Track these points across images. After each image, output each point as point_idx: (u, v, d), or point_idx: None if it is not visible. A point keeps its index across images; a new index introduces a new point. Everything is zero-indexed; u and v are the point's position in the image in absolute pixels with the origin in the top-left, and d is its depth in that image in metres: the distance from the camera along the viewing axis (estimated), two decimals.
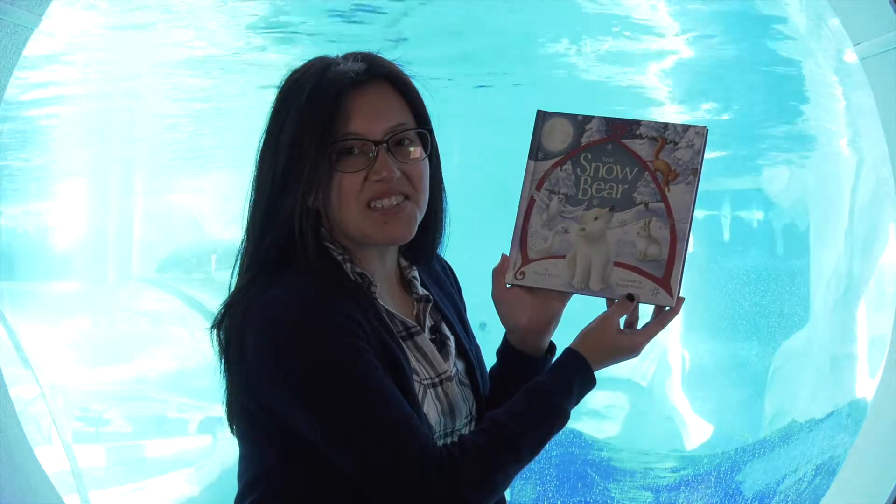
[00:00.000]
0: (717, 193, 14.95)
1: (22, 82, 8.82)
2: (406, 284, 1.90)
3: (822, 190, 11.99)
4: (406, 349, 1.80)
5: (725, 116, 11.62)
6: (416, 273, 1.91)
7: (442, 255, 1.99)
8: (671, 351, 13.71)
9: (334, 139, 1.74)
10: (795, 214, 13.55)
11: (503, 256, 1.87)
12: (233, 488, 1.84)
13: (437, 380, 1.82)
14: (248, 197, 1.80)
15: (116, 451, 11.68)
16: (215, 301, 1.81)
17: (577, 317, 1.95)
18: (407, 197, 1.78)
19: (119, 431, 12.31)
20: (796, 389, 11.52)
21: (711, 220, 15.24)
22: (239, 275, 1.81)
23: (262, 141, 1.79)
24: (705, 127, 1.80)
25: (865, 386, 10.24)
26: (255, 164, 1.80)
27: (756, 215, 15.21)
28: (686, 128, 1.81)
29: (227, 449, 10.62)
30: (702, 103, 11.22)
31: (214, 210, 15.81)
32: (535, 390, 1.76)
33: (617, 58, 9.48)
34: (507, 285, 1.87)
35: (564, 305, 1.87)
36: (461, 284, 2.06)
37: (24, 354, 10.10)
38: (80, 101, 10.54)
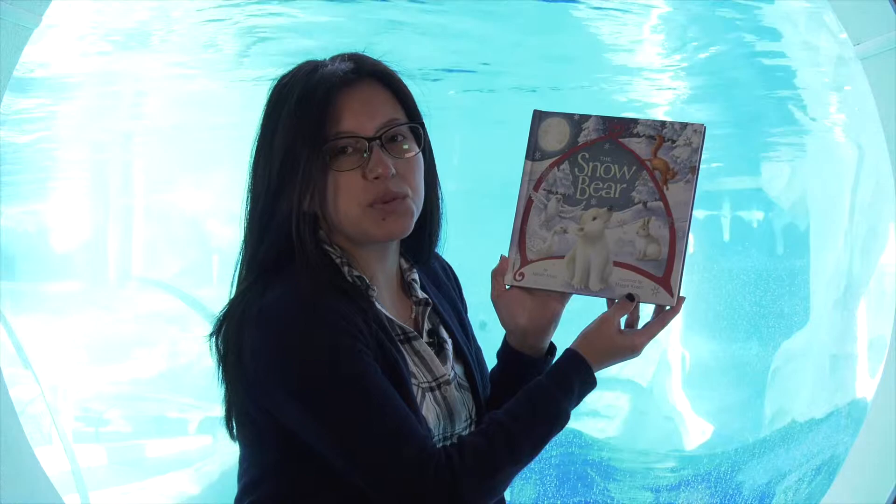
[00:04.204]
0: (717, 193, 14.92)
1: (22, 81, 8.82)
2: (406, 287, 1.89)
3: (822, 190, 11.97)
4: (404, 352, 1.79)
5: (725, 117, 11.62)
6: (416, 276, 1.91)
7: (441, 255, 1.98)
8: (671, 351, 13.67)
9: (326, 139, 1.74)
10: (795, 214, 13.51)
11: (502, 257, 1.86)
12: (233, 488, 1.84)
13: (434, 383, 1.82)
14: (244, 204, 1.80)
15: (116, 451, 11.68)
16: (215, 301, 1.81)
17: (577, 317, 1.95)
18: (403, 193, 1.77)
19: (119, 431, 12.31)
20: (796, 389, 11.50)
21: (711, 220, 15.20)
22: (238, 282, 1.80)
23: (255, 147, 1.79)
24: (703, 125, 1.80)
25: (865, 386, 10.22)
26: (249, 171, 1.80)
27: (756, 215, 15.17)
28: (684, 126, 1.80)
29: (227, 449, 10.61)
30: (702, 103, 11.21)
31: (214, 210, 15.79)
32: (535, 391, 1.75)
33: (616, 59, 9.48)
34: (507, 286, 1.86)
35: (564, 306, 1.87)
36: (461, 285, 2.05)
37: (24, 354, 10.10)
38: (80, 100, 10.53)
